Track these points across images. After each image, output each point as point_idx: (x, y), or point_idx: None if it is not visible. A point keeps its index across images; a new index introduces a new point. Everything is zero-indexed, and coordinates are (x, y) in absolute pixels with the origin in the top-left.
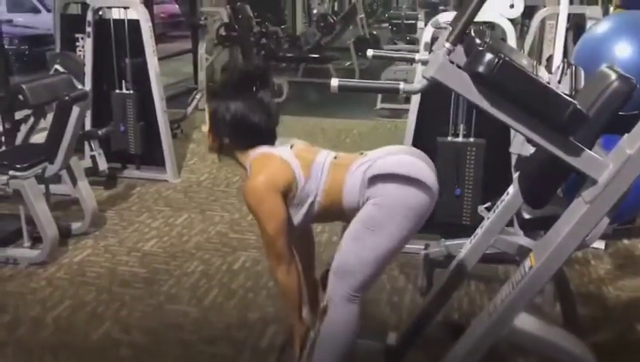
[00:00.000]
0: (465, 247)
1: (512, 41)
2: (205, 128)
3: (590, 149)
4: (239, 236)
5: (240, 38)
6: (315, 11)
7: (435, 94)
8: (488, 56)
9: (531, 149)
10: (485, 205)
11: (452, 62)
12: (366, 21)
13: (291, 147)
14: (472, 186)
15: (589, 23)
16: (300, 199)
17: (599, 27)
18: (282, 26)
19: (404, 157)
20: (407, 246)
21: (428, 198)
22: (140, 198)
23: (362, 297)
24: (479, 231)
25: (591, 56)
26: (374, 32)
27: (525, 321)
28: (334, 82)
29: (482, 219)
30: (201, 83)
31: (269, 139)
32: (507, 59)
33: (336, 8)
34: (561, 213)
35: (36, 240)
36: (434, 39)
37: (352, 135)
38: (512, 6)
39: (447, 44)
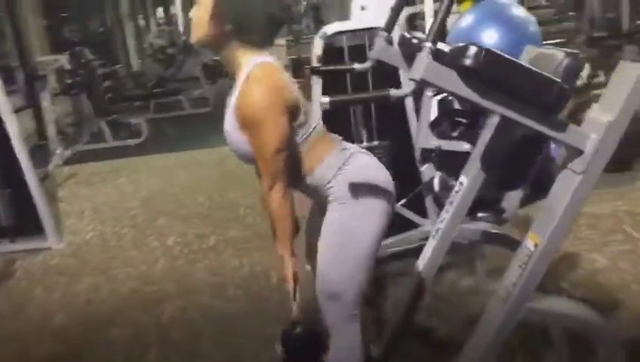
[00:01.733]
0: (428, 245)
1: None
2: (194, 13)
3: None
4: (156, 288)
5: (86, 83)
6: (146, 45)
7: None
8: (473, 48)
9: (436, 141)
10: (400, 202)
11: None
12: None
13: None
14: None
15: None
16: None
17: (464, 20)
18: (118, 65)
19: (371, 161)
20: None
21: (391, 204)
22: (26, 272)
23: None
24: (440, 225)
25: None
26: (217, 58)
27: (537, 299)
28: (324, 100)
29: (400, 216)
30: (52, 138)
31: (272, 38)
32: (489, 48)
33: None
34: None
35: None
36: (326, 50)
37: (237, 162)
38: (362, 8)
39: (429, 44)
